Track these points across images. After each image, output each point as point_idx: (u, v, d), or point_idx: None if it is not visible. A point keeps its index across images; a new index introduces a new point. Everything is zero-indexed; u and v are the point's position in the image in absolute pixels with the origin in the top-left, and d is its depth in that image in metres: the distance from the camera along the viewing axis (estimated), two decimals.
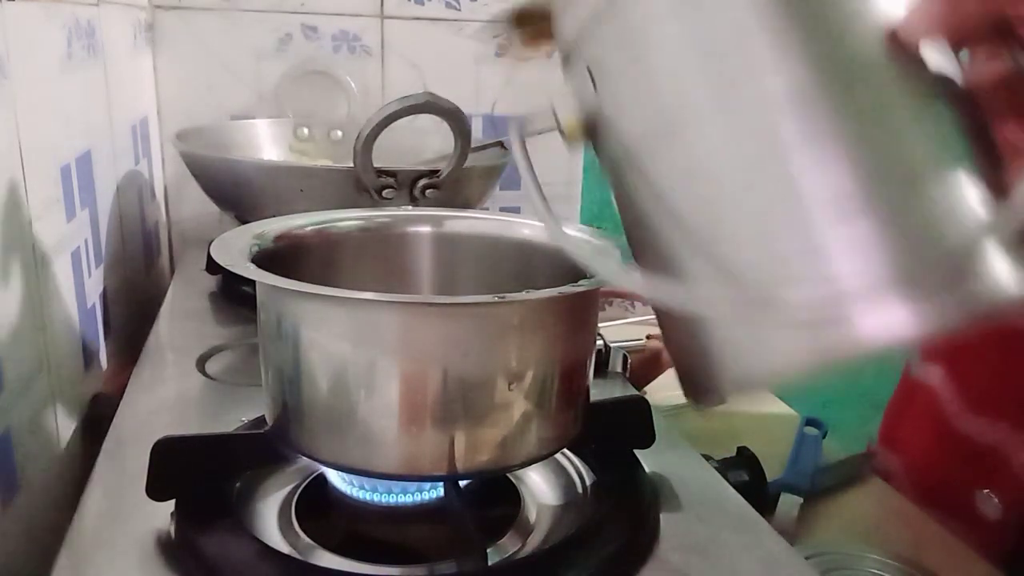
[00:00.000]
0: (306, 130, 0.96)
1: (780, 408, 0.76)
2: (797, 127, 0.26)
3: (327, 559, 0.39)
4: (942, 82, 0.27)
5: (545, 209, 0.30)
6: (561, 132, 0.32)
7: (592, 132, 0.31)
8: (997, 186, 0.26)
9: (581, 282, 0.38)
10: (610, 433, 0.46)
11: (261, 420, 0.46)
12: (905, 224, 0.25)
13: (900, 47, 0.27)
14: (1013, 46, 0.28)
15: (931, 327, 0.25)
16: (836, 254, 0.25)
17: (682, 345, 0.31)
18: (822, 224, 0.26)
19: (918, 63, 0.27)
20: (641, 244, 0.31)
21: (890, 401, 0.73)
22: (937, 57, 0.27)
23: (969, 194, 0.26)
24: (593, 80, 0.30)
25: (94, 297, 0.65)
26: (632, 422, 0.47)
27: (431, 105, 0.64)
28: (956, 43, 0.28)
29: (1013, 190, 0.25)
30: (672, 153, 0.28)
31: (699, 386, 0.30)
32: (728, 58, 0.27)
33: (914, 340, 0.25)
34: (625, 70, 0.29)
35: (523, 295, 0.37)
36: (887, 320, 0.25)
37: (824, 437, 0.66)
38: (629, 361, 0.63)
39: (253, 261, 0.40)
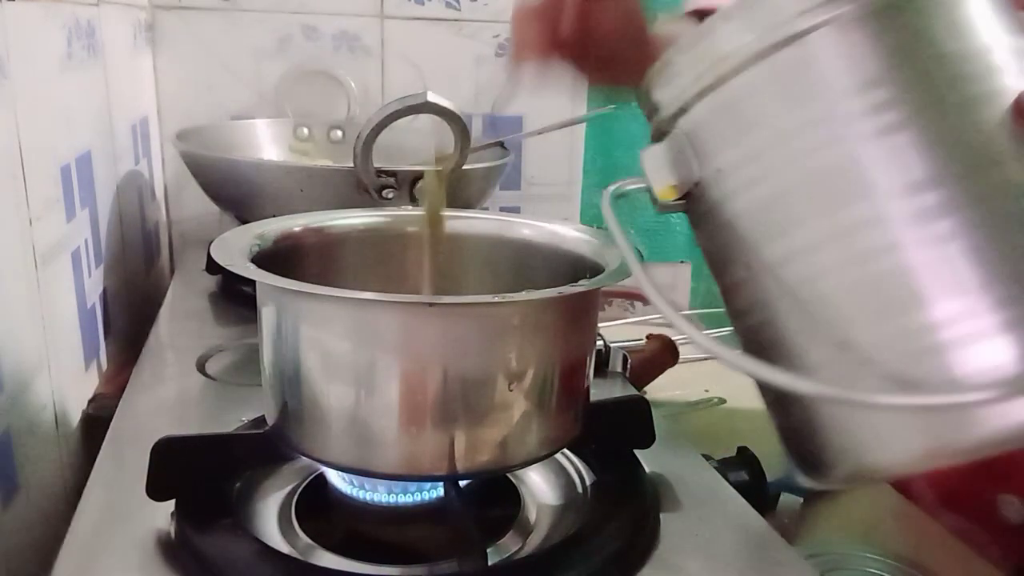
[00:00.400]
0: (306, 130, 0.96)
1: None
2: (911, 218, 0.25)
3: (327, 559, 0.39)
4: None
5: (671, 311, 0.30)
6: (652, 196, 0.31)
7: (689, 201, 0.31)
8: None
9: (581, 282, 0.38)
10: (610, 433, 0.46)
11: (261, 420, 0.46)
12: None
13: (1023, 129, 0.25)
14: None
15: None
16: (959, 348, 0.25)
17: (794, 427, 0.30)
18: (945, 317, 0.25)
19: None
20: (748, 317, 0.30)
21: None
22: None
23: None
24: (695, 150, 0.29)
25: (94, 297, 0.65)
26: (632, 422, 0.47)
27: (431, 105, 0.64)
28: None
29: None
30: (787, 236, 0.27)
31: (810, 465, 0.30)
32: (832, 145, 0.26)
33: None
34: (730, 145, 0.28)
35: (523, 295, 0.37)
36: (1012, 413, 0.24)
37: None
38: (629, 361, 0.63)
39: (253, 261, 0.40)
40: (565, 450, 0.46)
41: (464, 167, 0.69)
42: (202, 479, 0.41)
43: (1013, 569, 0.55)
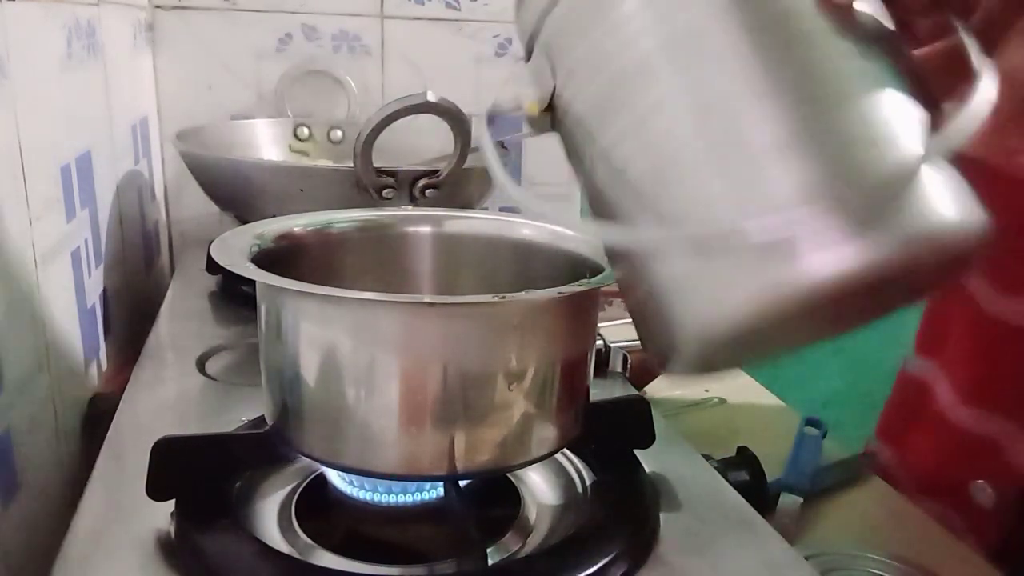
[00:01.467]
0: (306, 130, 0.96)
1: (780, 408, 0.76)
2: (740, 82, 0.27)
3: (327, 559, 0.39)
4: (875, 32, 0.29)
5: (503, 175, 0.33)
6: (528, 120, 0.34)
7: (552, 114, 0.33)
8: (931, 117, 0.28)
9: (581, 282, 0.38)
10: (610, 433, 0.46)
11: (261, 420, 0.46)
12: (843, 159, 0.26)
13: (831, 2, 0.28)
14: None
15: (875, 257, 0.25)
16: (779, 195, 0.26)
17: (642, 313, 0.31)
18: (765, 167, 0.26)
19: (850, 17, 0.28)
20: (594, 206, 0.33)
21: (888, 398, 0.73)
22: (866, 9, 0.29)
23: (904, 125, 0.27)
24: (551, 64, 0.32)
25: (94, 297, 0.65)
26: (632, 422, 0.47)
27: (431, 105, 0.64)
28: None
29: (947, 118, 0.26)
30: (621, 116, 0.30)
31: (662, 351, 0.31)
32: (673, 20, 0.29)
33: (860, 273, 0.25)
34: (576, 46, 0.31)
35: (523, 295, 0.37)
36: (832, 253, 0.25)
37: (824, 437, 0.66)
38: (629, 361, 0.63)
39: (253, 261, 0.40)
40: (565, 450, 0.46)
41: (464, 167, 0.69)
42: (202, 479, 0.41)
43: (988, 552, 0.55)
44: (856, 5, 0.29)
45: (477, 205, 0.78)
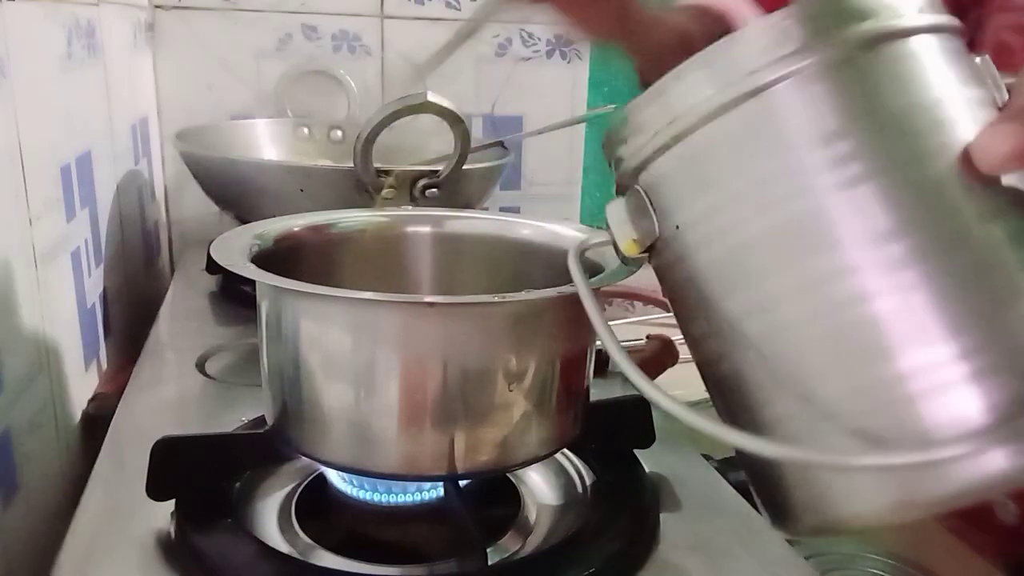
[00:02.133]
0: (306, 130, 0.96)
1: None
2: (877, 269, 0.25)
3: (327, 559, 0.39)
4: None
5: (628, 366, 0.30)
6: (618, 251, 0.31)
7: (652, 255, 0.31)
8: None
9: None
10: (610, 433, 0.46)
11: (261, 420, 0.46)
12: (999, 368, 0.24)
13: (977, 176, 0.25)
14: None
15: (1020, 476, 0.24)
16: (927, 401, 0.24)
17: (760, 474, 0.30)
18: (912, 370, 0.25)
19: (998, 190, 0.26)
20: (713, 368, 0.30)
21: None
22: (1017, 182, 0.26)
23: None
24: (654, 207, 0.29)
25: (94, 297, 0.65)
26: (632, 422, 0.47)
27: (431, 105, 0.64)
28: None
29: None
30: (749, 289, 0.27)
31: (777, 514, 0.30)
32: (795, 198, 0.26)
33: (1008, 483, 0.24)
34: (691, 200, 0.28)
35: (523, 295, 0.37)
36: (981, 466, 0.24)
37: None
38: None
39: (253, 261, 0.40)
40: (565, 450, 0.46)
41: (464, 167, 0.69)
42: (202, 479, 0.41)
43: (1009, 568, 0.55)
44: (1004, 178, 0.26)
45: (477, 205, 0.78)
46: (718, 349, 0.29)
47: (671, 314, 0.33)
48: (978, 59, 0.28)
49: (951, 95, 0.26)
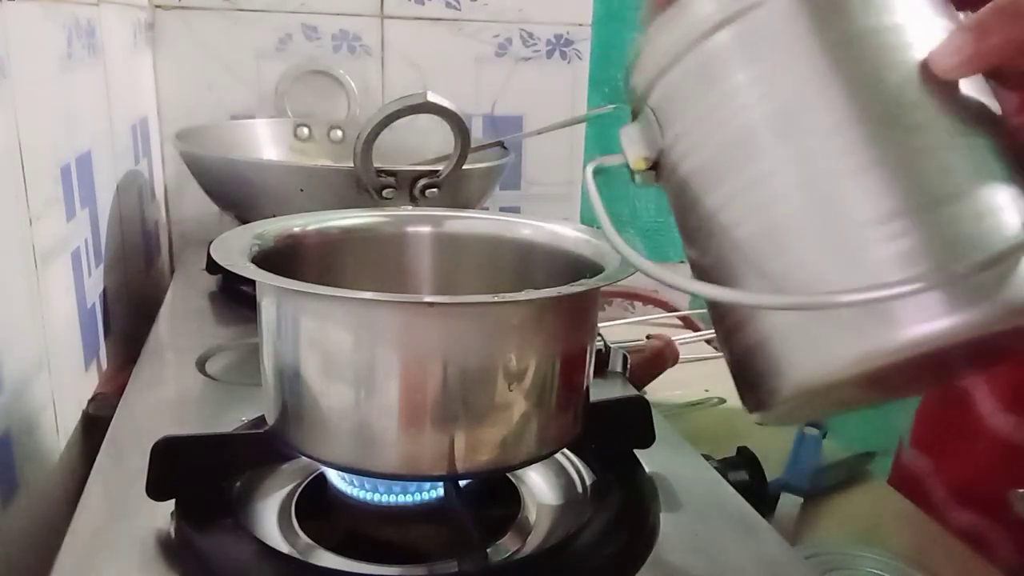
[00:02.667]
0: (306, 130, 0.96)
1: None
2: (845, 156, 0.29)
3: (327, 559, 0.39)
4: (977, 110, 0.30)
5: (620, 241, 0.33)
6: (629, 170, 0.35)
7: (658, 170, 0.34)
8: None
9: (581, 282, 0.38)
10: (610, 433, 0.46)
11: (261, 420, 0.46)
12: (946, 237, 0.27)
13: (935, 82, 0.29)
14: None
15: (971, 326, 0.27)
16: (883, 267, 0.28)
17: (740, 360, 0.33)
18: (870, 242, 0.28)
19: (954, 95, 0.29)
20: (700, 262, 0.34)
21: (921, 403, 0.72)
22: (971, 88, 0.30)
23: (1006, 208, 0.28)
24: (659, 123, 0.33)
25: (94, 297, 0.65)
26: (632, 422, 0.47)
27: (431, 105, 0.64)
28: (988, 72, 0.30)
29: None
30: (728, 181, 0.31)
31: (758, 397, 0.32)
32: (781, 94, 0.30)
33: (954, 338, 0.27)
34: (687, 111, 0.32)
35: (523, 295, 0.37)
36: (930, 319, 0.27)
37: (824, 437, 0.66)
38: (629, 361, 0.63)
39: (253, 261, 0.40)
40: (565, 450, 0.46)
41: (464, 167, 0.69)
42: (202, 479, 0.41)
43: (1012, 566, 0.55)
44: (962, 84, 0.29)
45: (477, 205, 0.78)
46: (703, 244, 0.33)
47: (671, 314, 0.34)
48: None
49: (920, 19, 0.30)
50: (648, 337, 0.72)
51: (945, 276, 0.27)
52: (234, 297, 0.74)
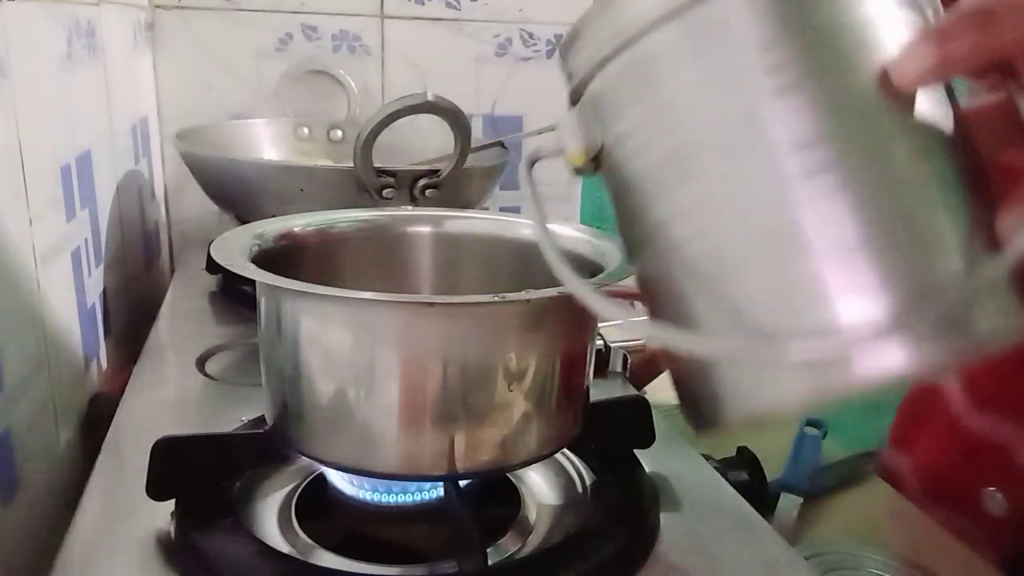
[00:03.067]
0: (306, 130, 0.96)
1: None
2: (799, 173, 0.27)
3: (327, 559, 0.39)
4: (937, 126, 0.28)
5: (551, 246, 0.31)
6: (566, 160, 0.33)
7: (597, 162, 0.32)
8: (990, 232, 0.27)
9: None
10: (610, 433, 0.46)
11: (261, 420, 0.46)
12: (902, 270, 0.26)
13: (895, 92, 0.27)
14: (1008, 80, 0.28)
15: (925, 366, 0.26)
16: (837, 297, 0.26)
17: (685, 377, 0.31)
18: (824, 269, 0.26)
19: (913, 107, 0.28)
20: (644, 273, 0.32)
21: (901, 403, 0.73)
22: (931, 100, 0.28)
23: (963, 241, 0.27)
24: (600, 118, 0.31)
25: (94, 297, 0.65)
26: (632, 422, 0.47)
27: (431, 105, 0.64)
28: (949, 81, 0.29)
29: (1005, 240, 0.26)
30: (676, 195, 0.29)
31: (701, 416, 0.31)
32: (732, 103, 0.27)
33: (907, 378, 0.26)
34: (628, 110, 0.30)
35: (523, 295, 0.37)
36: (883, 360, 0.26)
37: (824, 437, 0.66)
38: (629, 361, 0.63)
39: (253, 261, 0.40)
40: (565, 450, 0.46)
41: (464, 167, 0.69)
42: (202, 479, 0.41)
43: (998, 560, 0.55)
44: (919, 95, 0.28)
45: (477, 205, 0.78)
46: (648, 252, 0.31)
47: None
48: None
49: (883, 15, 0.28)
50: None
51: (903, 319, 0.26)
52: (234, 297, 0.74)
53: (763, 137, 0.27)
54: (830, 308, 0.26)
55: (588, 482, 0.46)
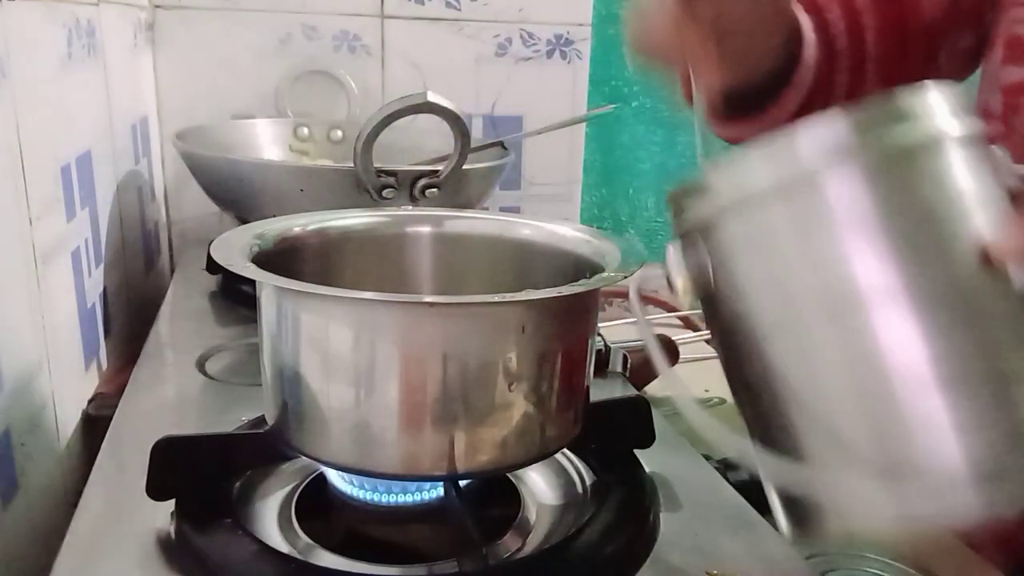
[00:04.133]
0: (306, 130, 0.96)
1: None
2: (899, 333, 0.29)
3: (327, 559, 0.39)
4: None
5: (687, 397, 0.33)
6: (671, 288, 0.35)
7: (703, 300, 0.35)
8: None
9: (581, 282, 0.38)
10: (610, 433, 0.46)
11: (261, 420, 0.46)
12: (995, 427, 0.29)
13: (991, 266, 0.30)
14: None
15: (1010, 511, 0.29)
16: (932, 447, 0.29)
17: (789, 493, 0.34)
18: (927, 424, 0.29)
19: (1009, 280, 0.30)
20: (754, 409, 0.34)
21: None
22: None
23: None
24: (713, 265, 0.33)
25: (94, 297, 0.65)
26: (632, 422, 0.47)
27: (431, 105, 0.64)
28: None
29: None
30: (786, 340, 0.32)
31: (802, 524, 0.33)
32: (838, 271, 0.30)
33: (994, 520, 0.29)
34: (743, 263, 0.32)
35: (523, 295, 0.37)
36: (971, 504, 0.29)
37: None
38: (629, 361, 0.63)
39: (253, 261, 0.40)
40: (565, 450, 0.46)
41: (464, 167, 0.69)
42: (202, 479, 0.41)
43: (999, 560, 0.55)
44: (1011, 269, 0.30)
45: (477, 205, 0.78)
46: (758, 384, 0.33)
47: (671, 314, 0.34)
48: (998, 151, 0.32)
49: (974, 192, 0.31)
50: None
51: (994, 464, 0.28)
52: (234, 297, 0.74)
53: (863, 301, 0.30)
54: (920, 451, 0.29)
55: (588, 482, 0.46)
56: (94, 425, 0.58)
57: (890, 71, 0.56)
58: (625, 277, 0.39)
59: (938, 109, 0.31)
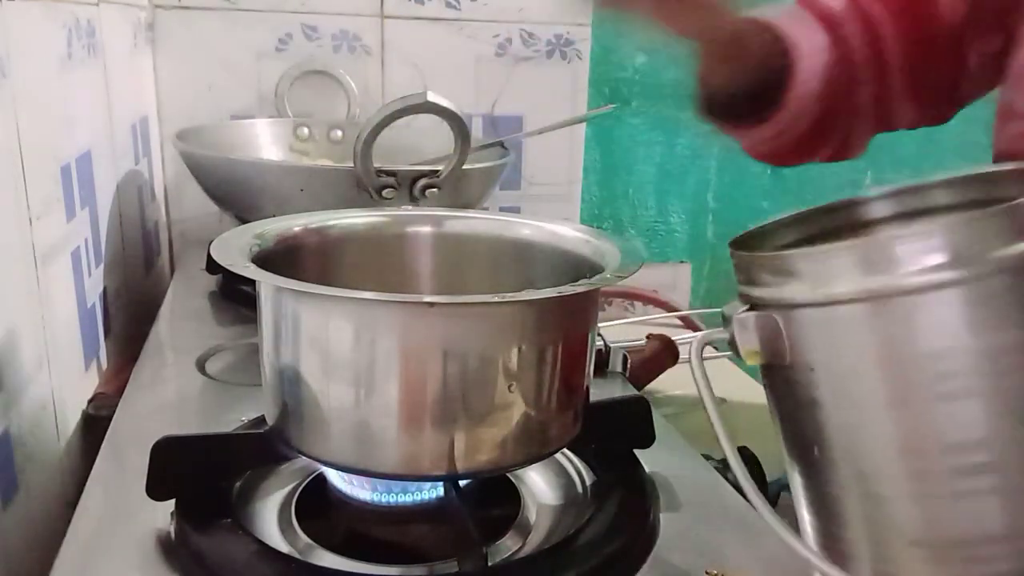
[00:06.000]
0: (306, 130, 0.96)
1: None
2: (956, 469, 0.31)
3: (327, 559, 0.39)
4: None
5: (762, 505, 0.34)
6: (735, 350, 0.35)
7: (766, 366, 0.35)
8: None
9: (581, 282, 0.38)
10: (610, 433, 0.46)
11: (261, 420, 0.46)
12: None
13: None
14: None
15: None
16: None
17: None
18: (972, 548, 0.31)
19: None
20: (816, 490, 0.35)
21: None
22: None
23: None
24: (789, 340, 0.34)
25: (94, 297, 0.65)
26: (632, 422, 0.47)
27: (431, 105, 0.64)
28: None
29: None
30: (849, 417, 0.33)
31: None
32: (904, 399, 0.31)
33: None
34: (821, 348, 0.33)
35: (523, 295, 0.37)
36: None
37: None
38: (629, 361, 0.63)
39: (253, 261, 0.40)
40: (565, 450, 0.46)
41: (464, 167, 0.69)
42: (202, 479, 0.41)
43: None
44: None
45: (477, 205, 0.78)
46: (824, 470, 0.34)
47: (671, 314, 0.34)
48: None
49: None
50: (648, 337, 0.72)
51: None
52: (234, 297, 0.74)
53: (928, 433, 0.31)
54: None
55: (588, 482, 0.46)
56: (94, 425, 0.58)
57: (917, 79, 0.56)
58: (625, 277, 0.39)
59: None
